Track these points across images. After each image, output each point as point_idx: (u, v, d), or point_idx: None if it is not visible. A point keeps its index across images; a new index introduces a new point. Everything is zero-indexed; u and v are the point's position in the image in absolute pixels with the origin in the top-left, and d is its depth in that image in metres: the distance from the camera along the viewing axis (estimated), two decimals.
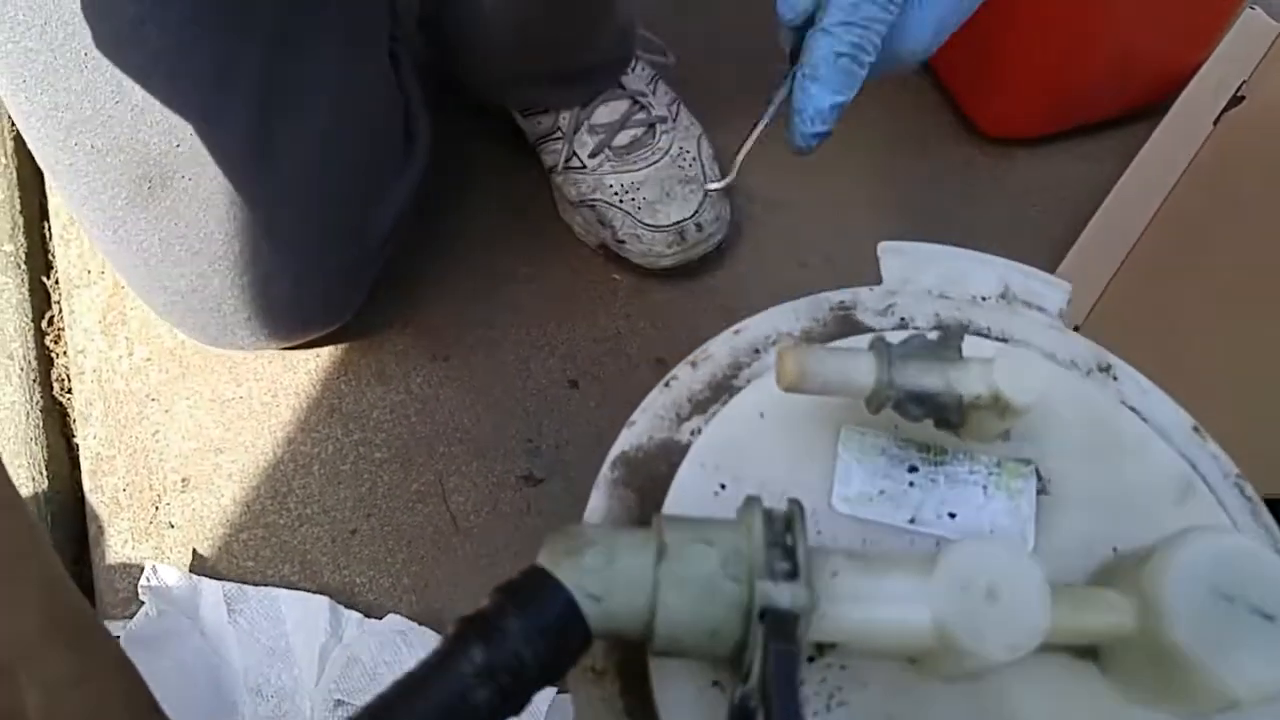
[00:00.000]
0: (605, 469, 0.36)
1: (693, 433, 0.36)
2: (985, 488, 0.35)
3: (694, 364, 0.38)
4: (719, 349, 0.39)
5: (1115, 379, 0.39)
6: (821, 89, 0.38)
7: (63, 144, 0.59)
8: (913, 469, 0.35)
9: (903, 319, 0.39)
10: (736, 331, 0.39)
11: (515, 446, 0.73)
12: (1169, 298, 0.70)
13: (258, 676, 0.62)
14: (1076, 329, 0.41)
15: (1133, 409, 0.38)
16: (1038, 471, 0.35)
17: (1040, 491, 0.35)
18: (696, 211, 0.76)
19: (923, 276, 0.41)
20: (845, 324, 0.40)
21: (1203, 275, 0.69)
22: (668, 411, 0.37)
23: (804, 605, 0.26)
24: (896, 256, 0.41)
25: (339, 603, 0.65)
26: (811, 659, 0.31)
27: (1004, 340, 0.39)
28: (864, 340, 0.34)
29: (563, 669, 0.27)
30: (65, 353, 0.77)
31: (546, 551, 0.28)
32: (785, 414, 0.36)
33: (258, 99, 0.59)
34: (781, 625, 0.25)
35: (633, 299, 0.81)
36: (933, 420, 0.33)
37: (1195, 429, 0.37)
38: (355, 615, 0.65)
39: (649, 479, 0.36)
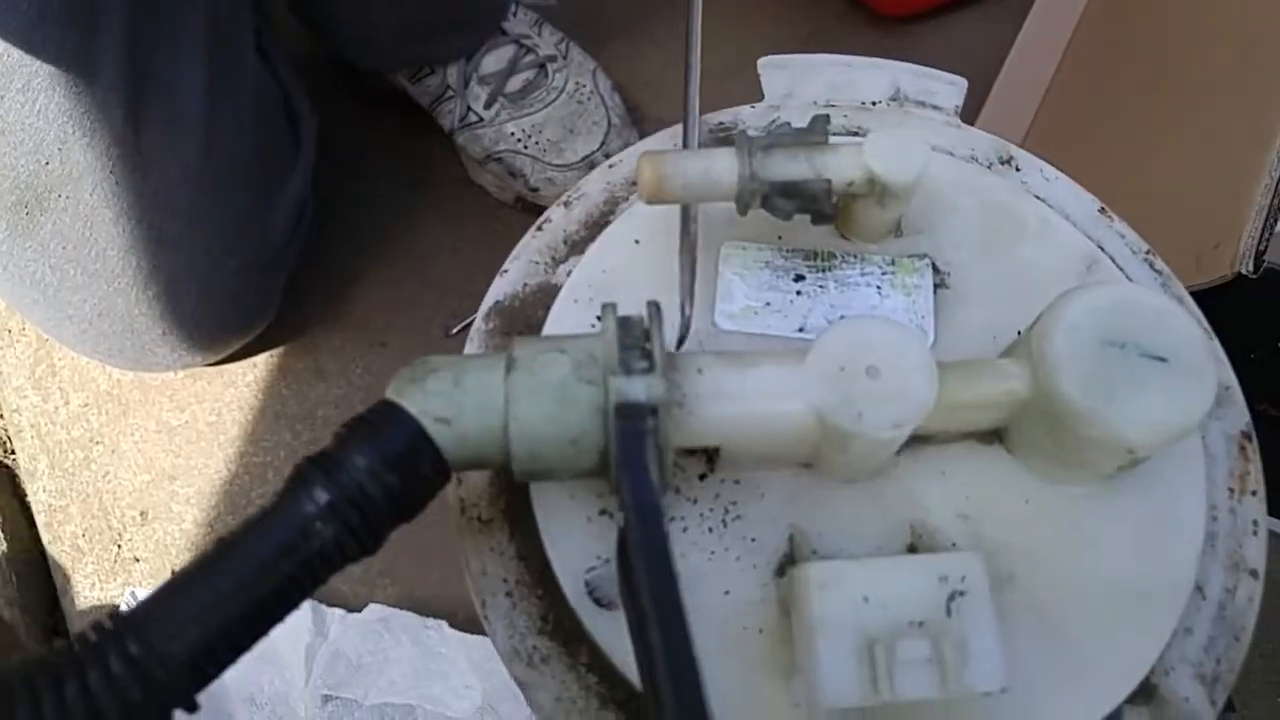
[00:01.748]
0: (479, 320, 0.35)
1: (569, 274, 0.36)
2: (879, 288, 0.34)
3: (567, 204, 0.37)
4: (593, 186, 0.38)
5: (1018, 170, 0.38)
6: None
7: None
8: (799, 278, 0.34)
9: None
10: (611, 166, 0.38)
11: None
12: (1086, 135, 0.71)
13: (250, 685, 0.63)
14: None
15: (1037, 198, 0.37)
16: (934, 265, 0.34)
17: (939, 285, 0.34)
18: (603, 143, 0.77)
19: (807, 88, 0.40)
20: (727, 144, 0.38)
21: (1115, 108, 0.70)
22: (542, 256, 0.36)
23: (659, 396, 0.25)
24: (778, 70, 0.40)
25: (317, 601, 0.66)
26: (703, 476, 0.31)
27: None
28: None
29: (418, 503, 0.26)
30: (1, 414, 0.77)
31: (393, 384, 0.27)
32: (662, 238, 0.35)
33: (121, 102, 0.58)
34: (631, 413, 0.25)
35: None
36: (809, 216, 0.32)
37: (1101, 210, 0.37)
38: (337, 611, 0.66)
39: (527, 326, 0.35)
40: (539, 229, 0.37)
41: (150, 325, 0.66)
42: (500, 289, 0.36)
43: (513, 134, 0.78)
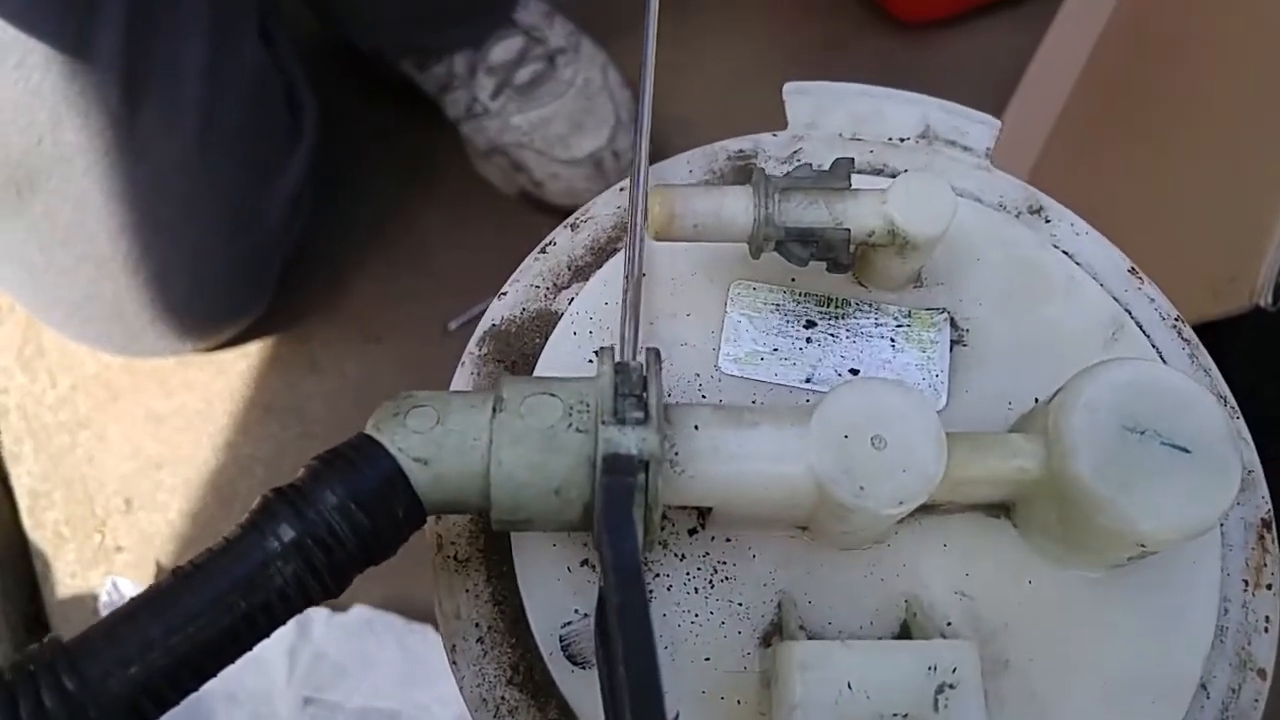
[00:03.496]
0: (471, 344, 0.35)
1: (570, 301, 0.35)
2: (893, 341, 0.33)
3: (574, 227, 0.37)
4: (602, 210, 0.37)
5: (1048, 221, 0.37)
6: None
7: None
8: (810, 324, 0.33)
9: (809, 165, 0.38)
10: (621, 189, 0.38)
11: None
12: (1103, 154, 0.71)
13: (232, 683, 0.64)
14: None
15: (1065, 252, 0.36)
16: (953, 321, 0.34)
17: (956, 342, 0.34)
18: (611, 139, 0.77)
19: (832, 118, 0.39)
20: (745, 175, 0.38)
21: (1133, 128, 0.69)
22: (544, 280, 0.36)
23: (652, 451, 0.25)
24: (803, 98, 0.39)
25: None
26: (693, 531, 0.30)
27: None
28: None
29: (390, 545, 0.26)
30: None
31: (373, 417, 0.26)
32: (670, 272, 0.34)
33: (118, 83, 0.58)
34: (619, 466, 0.24)
35: None
36: (825, 264, 0.31)
37: (1132, 270, 0.36)
38: (322, 611, 0.67)
39: (522, 354, 0.35)
40: (542, 251, 0.36)
41: (139, 311, 0.65)
42: (497, 313, 0.35)
43: (519, 126, 0.78)
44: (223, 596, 0.23)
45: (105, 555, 0.71)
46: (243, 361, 0.77)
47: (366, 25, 0.78)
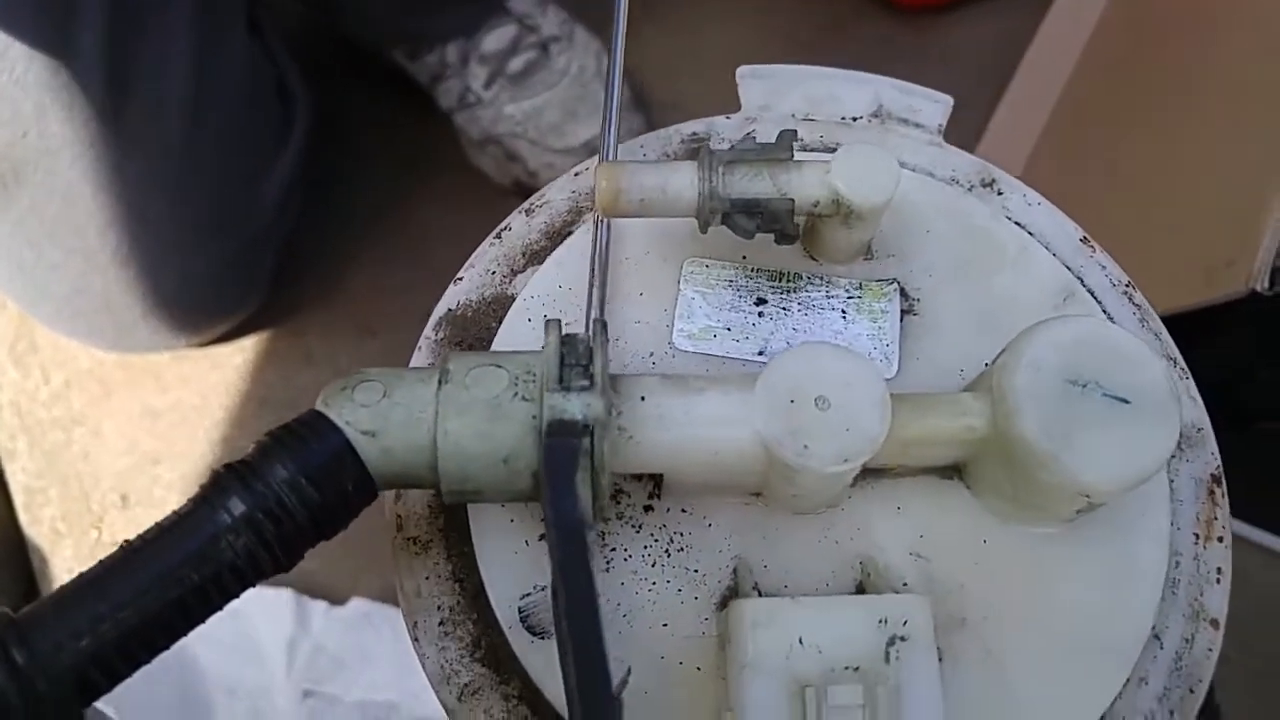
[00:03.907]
0: (428, 329, 0.35)
1: (525, 285, 0.35)
2: (844, 313, 0.34)
3: (529, 211, 0.37)
4: (557, 194, 0.38)
5: (1000, 194, 0.38)
6: None
7: None
8: (761, 300, 0.34)
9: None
10: (576, 174, 0.38)
11: None
12: (1101, 139, 0.71)
13: (230, 677, 0.64)
14: None
15: (1018, 223, 0.37)
16: (904, 291, 0.34)
17: (907, 311, 0.34)
18: None
19: (786, 100, 0.40)
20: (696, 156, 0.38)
21: (1131, 112, 0.70)
22: (499, 265, 0.36)
23: (597, 415, 0.25)
24: (757, 80, 0.40)
25: (300, 593, 0.67)
26: (649, 507, 0.30)
27: None
28: None
29: (340, 519, 0.26)
30: None
31: (324, 393, 0.27)
32: (624, 253, 0.35)
33: (103, 76, 0.58)
34: (563, 429, 0.24)
35: None
36: (773, 236, 0.32)
37: (1084, 240, 0.37)
38: (320, 604, 0.67)
39: (478, 338, 0.35)
40: (498, 237, 0.37)
41: (129, 305, 0.65)
42: (453, 297, 0.36)
43: (512, 115, 0.78)
44: (173, 570, 0.24)
45: (103, 551, 0.71)
46: (238, 356, 0.77)
47: (357, 14, 0.78)
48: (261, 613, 0.66)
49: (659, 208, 0.31)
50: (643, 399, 0.27)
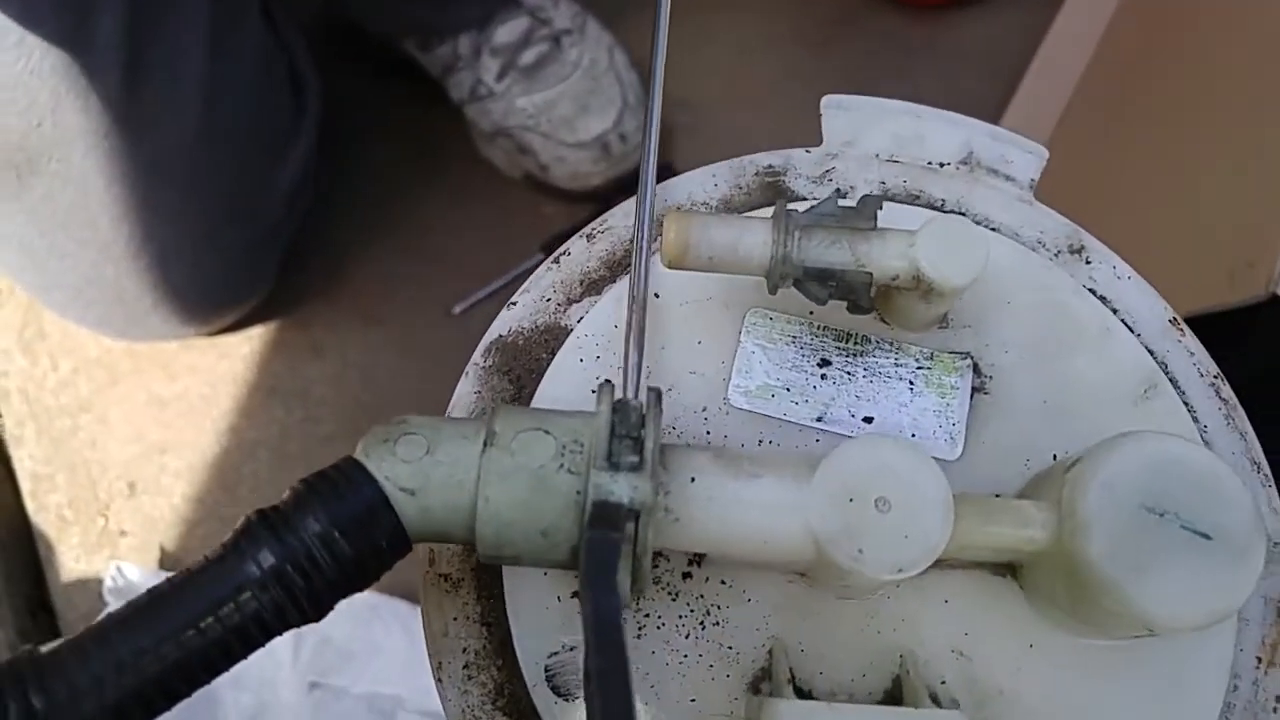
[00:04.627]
0: (477, 355, 0.34)
1: (580, 319, 0.34)
2: (912, 384, 0.32)
3: (590, 237, 0.36)
4: (620, 221, 0.36)
5: (1088, 262, 0.36)
6: None
7: None
8: (826, 361, 0.32)
9: (840, 188, 0.37)
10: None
11: None
12: (1117, 138, 0.69)
13: (237, 668, 0.64)
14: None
15: (1102, 297, 0.35)
16: (976, 366, 0.33)
17: (978, 389, 0.32)
18: (617, 121, 0.76)
19: (871, 137, 0.38)
20: (773, 192, 0.37)
21: (1148, 110, 0.67)
22: (555, 292, 0.35)
23: (644, 500, 0.24)
24: (841, 113, 0.38)
25: None
26: (687, 574, 0.29)
27: (961, 216, 0.36)
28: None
29: (372, 573, 0.25)
30: None
31: (363, 441, 0.26)
32: (685, 295, 0.33)
33: (119, 65, 0.57)
34: (607, 517, 0.23)
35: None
36: (845, 304, 0.30)
37: (1173, 321, 0.35)
38: None
39: (527, 369, 0.34)
40: (556, 261, 0.36)
41: (140, 295, 0.66)
42: (505, 323, 0.34)
43: (524, 108, 0.77)
44: (197, 619, 0.23)
45: (109, 539, 0.72)
46: (245, 345, 0.77)
47: (370, 4, 0.77)
48: None
49: (728, 265, 0.29)
50: (693, 480, 0.26)
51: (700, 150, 0.83)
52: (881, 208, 0.30)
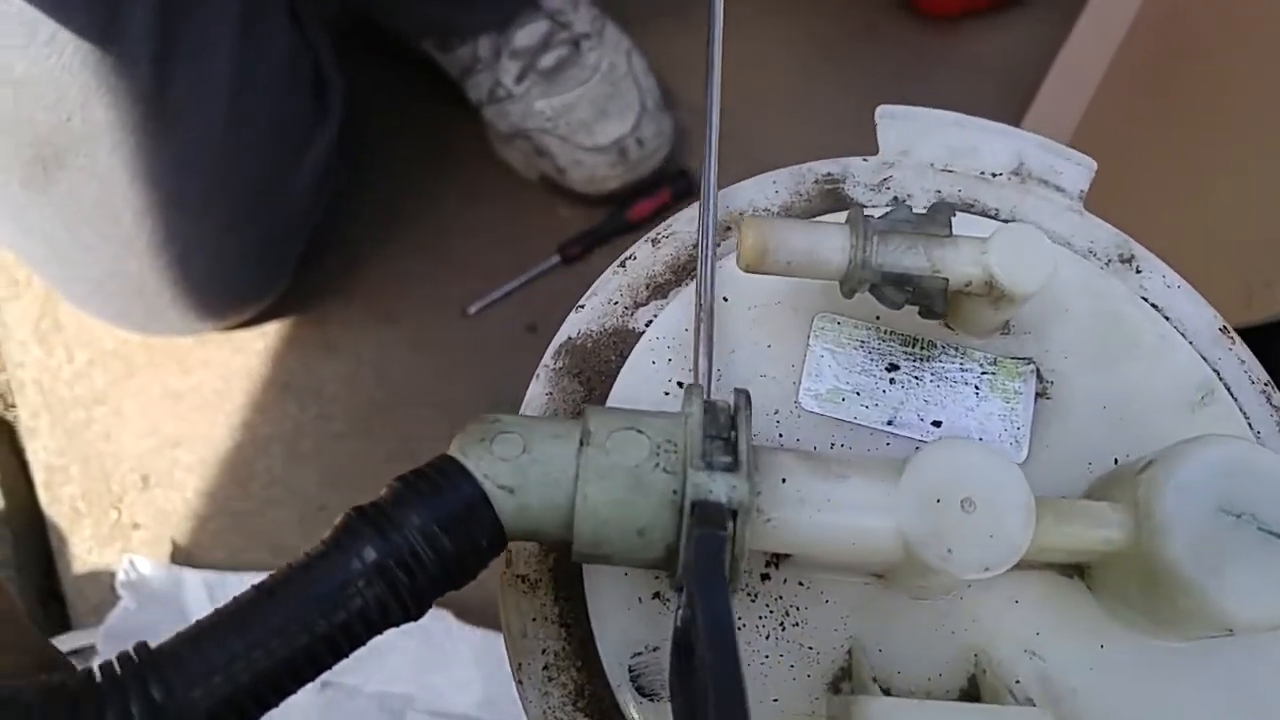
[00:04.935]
0: (547, 357, 0.34)
1: (648, 322, 0.35)
2: (977, 388, 0.33)
3: (655, 241, 0.36)
4: (684, 226, 0.37)
5: (1138, 271, 0.37)
6: None
7: None
8: (894, 366, 0.33)
9: (897, 196, 0.37)
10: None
11: (480, 400, 0.74)
12: (1135, 151, 0.70)
13: None
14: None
15: (1154, 305, 0.36)
16: (1039, 372, 0.33)
17: (1040, 394, 0.33)
18: (635, 126, 0.77)
19: (925, 147, 0.38)
20: (832, 199, 0.37)
21: (1166, 124, 0.68)
22: (622, 295, 0.36)
23: (742, 500, 0.24)
24: (896, 123, 0.39)
25: None
26: (766, 576, 0.30)
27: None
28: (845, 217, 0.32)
29: (470, 570, 0.26)
30: (4, 368, 0.78)
31: (458, 439, 0.26)
32: (753, 300, 0.34)
33: (148, 61, 0.58)
34: (710, 516, 0.24)
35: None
36: (917, 309, 0.31)
37: (1223, 329, 0.35)
38: None
39: (597, 371, 0.34)
40: (621, 265, 0.36)
41: (160, 290, 0.66)
42: (574, 325, 0.35)
43: (542, 111, 0.78)
44: (304, 614, 0.23)
45: (122, 532, 0.72)
46: (260, 341, 0.77)
47: (392, 4, 0.78)
48: None
49: (804, 270, 0.30)
50: (784, 481, 0.26)
51: (721, 156, 0.84)
52: (955, 215, 0.30)
